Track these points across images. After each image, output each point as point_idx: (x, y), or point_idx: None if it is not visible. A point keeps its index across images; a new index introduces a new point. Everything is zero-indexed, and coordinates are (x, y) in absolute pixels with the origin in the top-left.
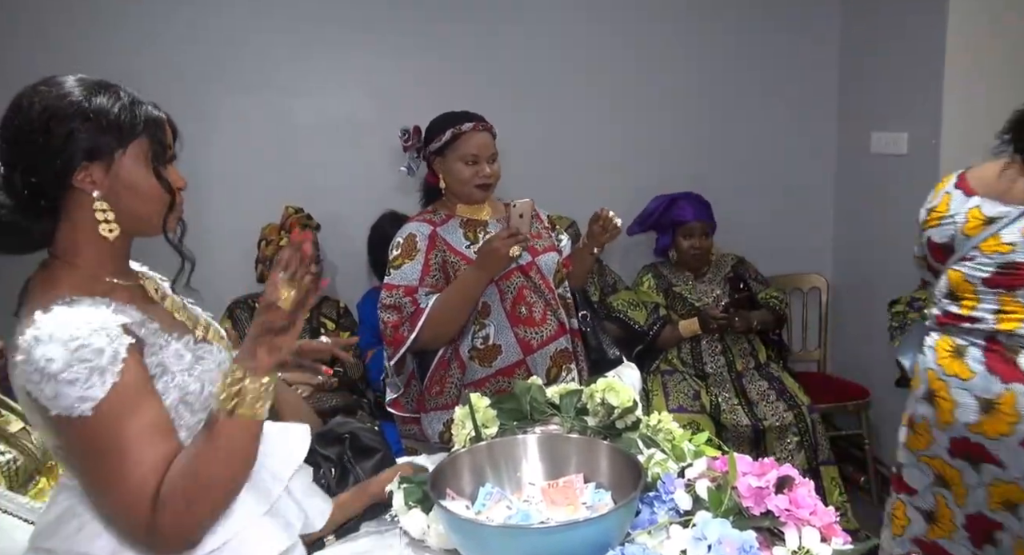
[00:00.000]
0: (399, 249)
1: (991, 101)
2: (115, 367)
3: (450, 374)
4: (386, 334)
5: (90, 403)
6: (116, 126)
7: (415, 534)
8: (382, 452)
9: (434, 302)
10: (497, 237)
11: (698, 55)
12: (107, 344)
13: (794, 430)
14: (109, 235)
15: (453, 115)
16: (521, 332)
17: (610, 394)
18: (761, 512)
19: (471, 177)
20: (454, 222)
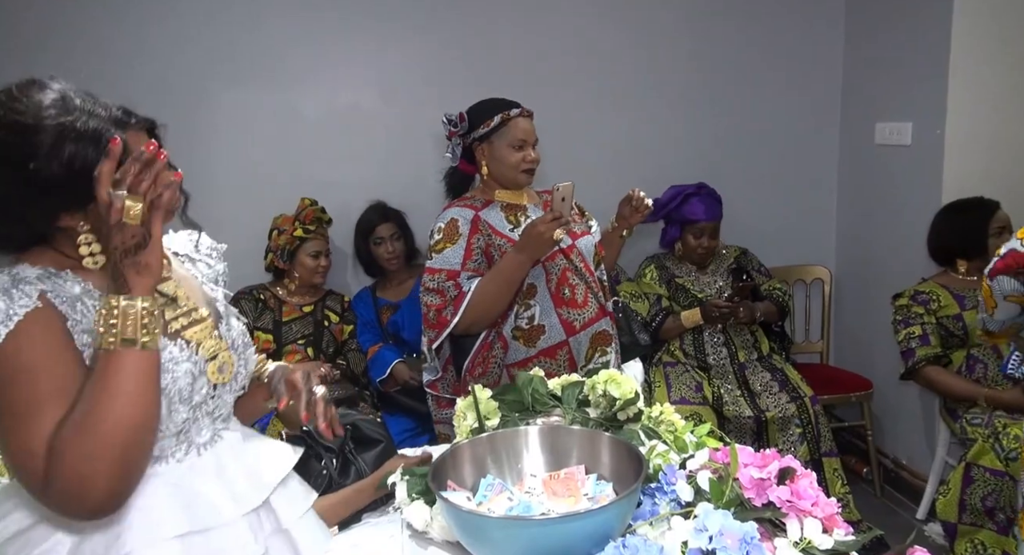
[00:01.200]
0: (440, 234)
1: (996, 91)
2: (4, 328)
3: (493, 354)
4: (429, 317)
5: None
6: (87, 175)
7: (417, 526)
8: (383, 443)
9: (477, 285)
10: (541, 220)
11: (703, 46)
12: (3, 302)
13: (796, 422)
14: (94, 267)
15: (497, 101)
16: (564, 313)
17: (612, 386)
18: (763, 503)
19: (519, 162)
20: (495, 206)
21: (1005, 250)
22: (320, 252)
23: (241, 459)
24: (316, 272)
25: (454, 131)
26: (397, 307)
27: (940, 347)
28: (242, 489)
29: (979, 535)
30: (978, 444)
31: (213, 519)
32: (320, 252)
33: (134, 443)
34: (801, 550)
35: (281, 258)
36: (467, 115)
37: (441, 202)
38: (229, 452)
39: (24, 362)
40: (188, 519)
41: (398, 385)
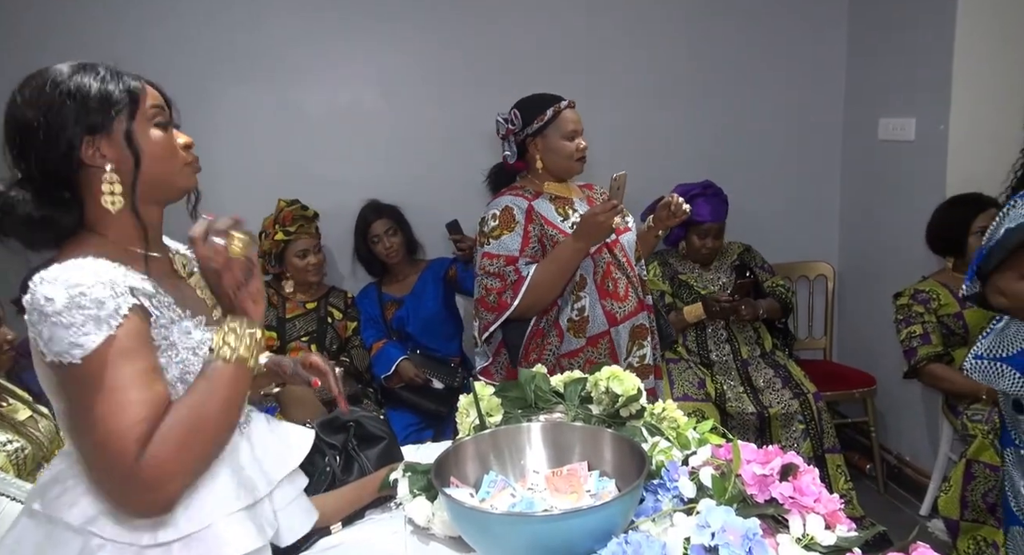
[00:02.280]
0: (496, 220)
1: (1000, 87)
2: (114, 321)
3: (548, 343)
4: (488, 300)
5: (80, 350)
6: (103, 96)
7: (420, 522)
8: (387, 440)
9: (535, 271)
10: (601, 209)
11: (706, 43)
12: (110, 297)
13: (799, 418)
14: (111, 207)
15: (544, 96)
16: (608, 304)
17: (614, 382)
18: (765, 499)
19: (573, 151)
20: (544, 197)
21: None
22: (307, 250)
23: (268, 439)
24: (307, 271)
25: (511, 130)
26: (401, 302)
27: (941, 345)
28: (270, 466)
29: (981, 531)
30: (978, 440)
31: (256, 493)
32: (307, 250)
33: (220, 445)
34: (804, 546)
35: (270, 262)
36: (519, 112)
37: (442, 199)
38: (257, 432)
39: (119, 362)
40: (245, 493)
41: (403, 381)
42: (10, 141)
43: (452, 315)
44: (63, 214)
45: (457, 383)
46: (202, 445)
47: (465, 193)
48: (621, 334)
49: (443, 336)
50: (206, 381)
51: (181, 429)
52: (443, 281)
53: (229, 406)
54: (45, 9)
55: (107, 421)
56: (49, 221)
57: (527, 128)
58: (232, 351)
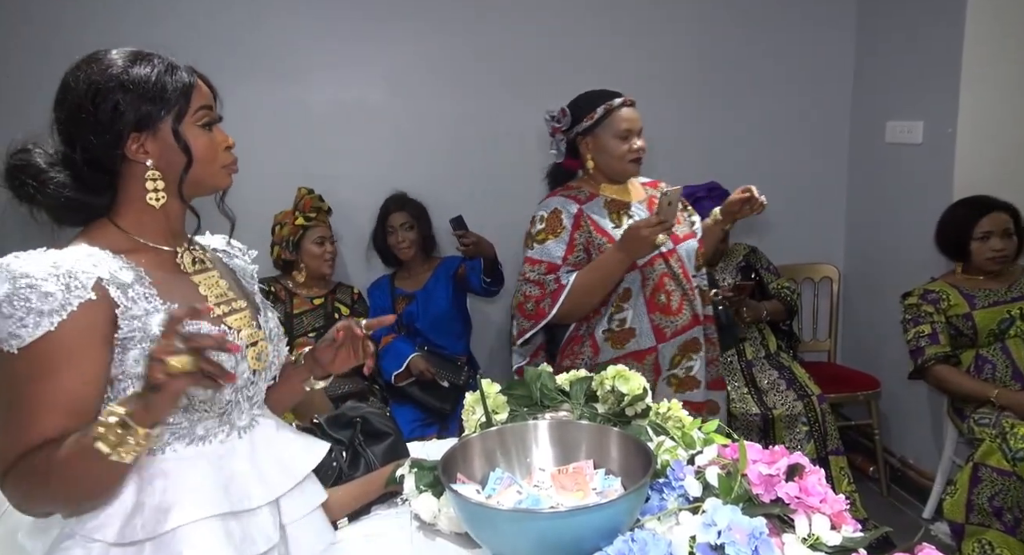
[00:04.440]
0: (543, 223)
1: (1008, 89)
2: (57, 317)
3: (582, 351)
4: (526, 308)
5: (16, 342)
6: (156, 93)
7: (426, 518)
8: (393, 436)
9: (575, 280)
10: (645, 223)
11: (713, 45)
12: (60, 291)
13: (803, 420)
14: (156, 204)
15: (599, 92)
16: (656, 319)
17: (620, 381)
18: (771, 499)
19: (625, 152)
20: (598, 201)
21: None
22: (324, 238)
23: (273, 447)
24: (323, 259)
25: (557, 127)
26: (413, 297)
27: (949, 346)
28: (271, 476)
29: (986, 535)
30: (985, 444)
31: (246, 503)
32: (324, 238)
33: (69, 506)
34: (809, 546)
35: (287, 249)
36: (568, 109)
37: (450, 195)
38: (263, 439)
39: (55, 362)
40: (228, 500)
41: (411, 377)
42: (60, 120)
43: (462, 314)
44: (96, 198)
45: (463, 381)
46: (45, 500)
47: (472, 190)
48: (668, 350)
49: (452, 334)
50: (76, 444)
51: (38, 477)
52: (454, 279)
53: (79, 483)
54: (47, 8)
55: (5, 429)
56: (80, 203)
57: (576, 126)
58: (97, 437)
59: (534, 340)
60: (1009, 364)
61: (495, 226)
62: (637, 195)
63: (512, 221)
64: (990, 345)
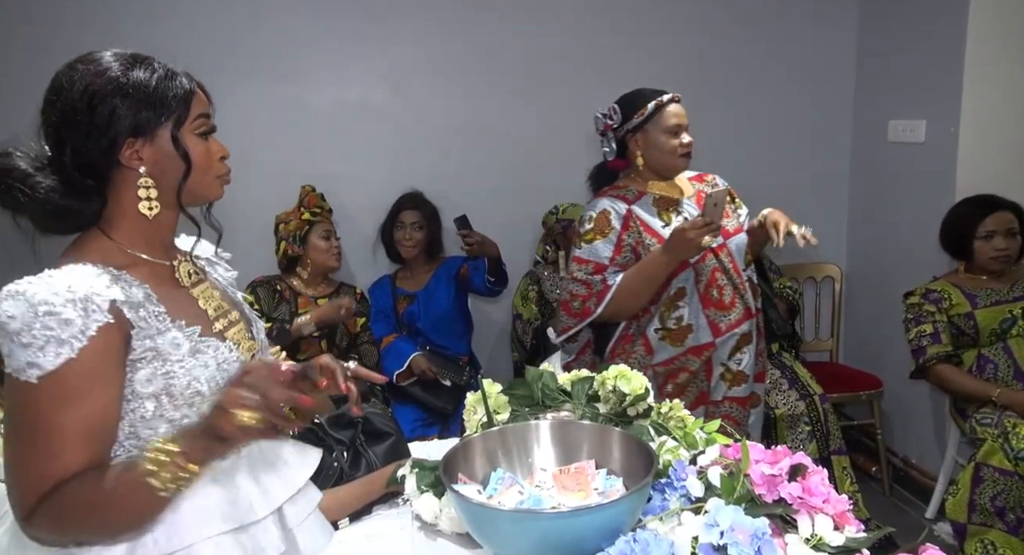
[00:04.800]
0: (591, 223)
1: (1012, 88)
2: (77, 342)
3: (634, 351)
4: (573, 306)
5: (37, 371)
6: (156, 99)
7: (427, 518)
8: (394, 436)
9: (621, 281)
10: (692, 225)
11: (714, 44)
12: (78, 317)
13: (806, 419)
14: (148, 214)
15: (645, 90)
16: (711, 315)
17: (622, 381)
18: (774, 499)
19: (675, 148)
20: (647, 199)
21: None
22: (330, 232)
23: (268, 457)
24: (330, 254)
25: (609, 125)
26: (414, 297)
27: (951, 346)
28: (271, 487)
29: (989, 535)
30: (987, 444)
31: (251, 515)
32: (330, 232)
33: (126, 534)
34: (812, 547)
35: (294, 243)
36: (618, 107)
37: (453, 195)
38: (258, 451)
39: (77, 389)
40: (235, 514)
41: (413, 376)
42: (49, 122)
43: (463, 314)
44: (84, 206)
45: (464, 381)
46: (82, 532)
47: (475, 189)
48: (727, 344)
49: (453, 334)
50: (120, 477)
51: (71, 507)
52: (455, 279)
53: (122, 517)
54: (47, 8)
55: (28, 465)
56: (68, 210)
57: (626, 123)
58: (152, 472)
59: (580, 337)
60: (1011, 364)
61: (499, 226)
62: (685, 191)
63: (515, 221)
64: (992, 345)
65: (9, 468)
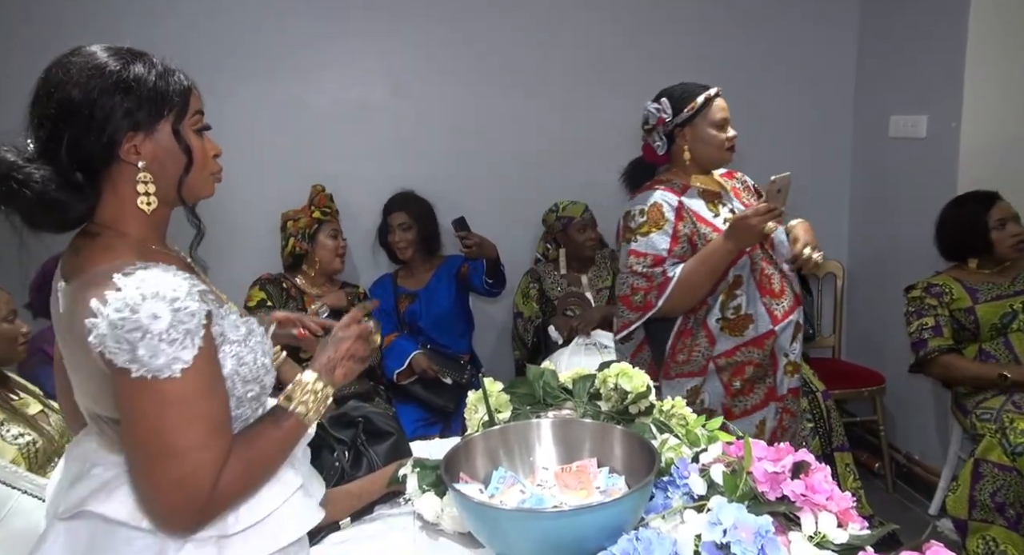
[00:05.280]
0: (644, 216)
1: (1014, 83)
2: (201, 331)
3: (696, 343)
4: (634, 300)
5: (180, 365)
6: (156, 94)
7: (429, 517)
8: (395, 436)
9: (681, 272)
10: (755, 212)
11: (715, 39)
12: (198, 307)
13: (808, 416)
14: (147, 209)
15: (689, 84)
16: (767, 302)
17: (623, 379)
18: (777, 497)
19: (723, 141)
20: (692, 191)
21: None
22: (337, 232)
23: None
24: (336, 253)
25: (663, 119)
26: (415, 296)
27: (952, 339)
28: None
29: (990, 531)
30: (986, 439)
31: (279, 501)
32: (337, 232)
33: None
34: (816, 544)
35: (303, 240)
36: (667, 101)
37: (453, 195)
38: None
39: (212, 376)
40: (271, 499)
41: (415, 375)
42: (45, 116)
43: (464, 313)
44: (78, 201)
45: (466, 379)
46: (258, 484)
47: (476, 190)
48: (786, 332)
49: (454, 333)
50: (276, 429)
51: (247, 472)
52: (456, 278)
53: (287, 454)
54: (47, 8)
55: (179, 459)
56: (62, 205)
57: (676, 117)
58: (307, 412)
59: (635, 335)
60: (1012, 358)
61: (499, 224)
62: (723, 184)
63: (516, 219)
64: (993, 339)
65: (153, 471)
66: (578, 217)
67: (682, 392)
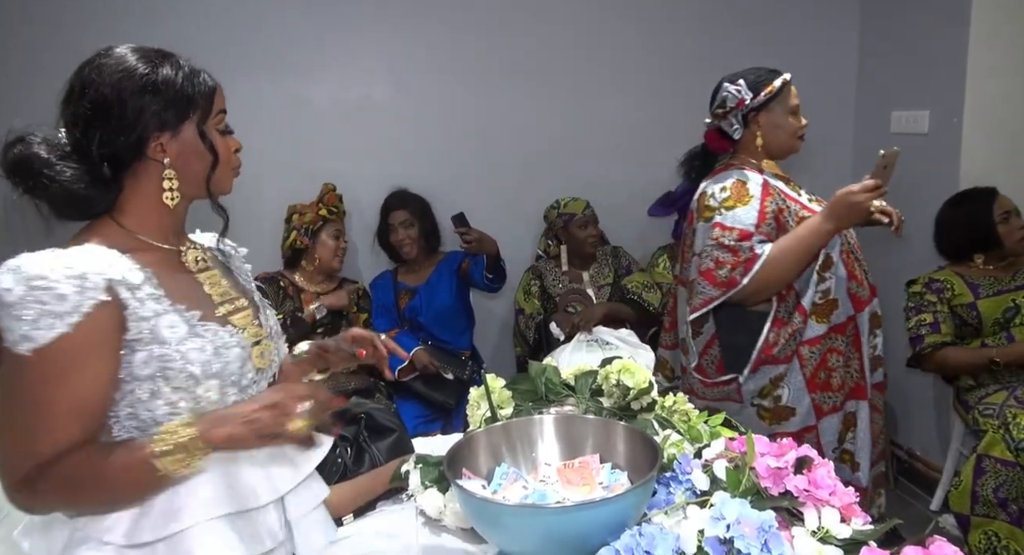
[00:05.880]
0: (727, 192)
1: (1015, 78)
2: (71, 318)
3: (791, 329)
4: (718, 275)
5: (30, 344)
6: (183, 96)
7: (431, 513)
8: (397, 432)
9: (772, 250)
10: (861, 188)
11: (716, 36)
12: (74, 293)
13: None
14: (171, 203)
15: (761, 69)
16: (853, 287)
17: (626, 375)
18: (780, 492)
19: (797, 128)
20: (767, 174)
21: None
22: (340, 234)
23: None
24: (336, 254)
25: (743, 101)
26: (415, 292)
27: (951, 336)
28: (276, 473)
29: (992, 526)
30: (989, 435)
31: (252, 501)
32: (340, 234)
33: (121, 509)
34: (819, 539)
35: (304, 234)
36: (744, 83)
37: (453, 191)
38: None
39: (69, 365)
40: (232, 500)
41: (416, 371)
42: (78, 114)
43: (465, 309)
44: (105, 193)
45: (467, 375)
46: (76, 505)
47: (477, 185)
48: (864, 320)
49: (455, 329)
50: (125, 455)
51: (71, 482)
52: (457, 274)
53: (120, 494)
54: (47, 8)
55: (17, 437)
56: (89, 199)
57: (754, 100)
58: (163, 453)
59: (705, 330)
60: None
61: (499, 224)
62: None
63: (517, 216)
64: (995, 334)
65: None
66: (579, 214)
67: (764, 381)
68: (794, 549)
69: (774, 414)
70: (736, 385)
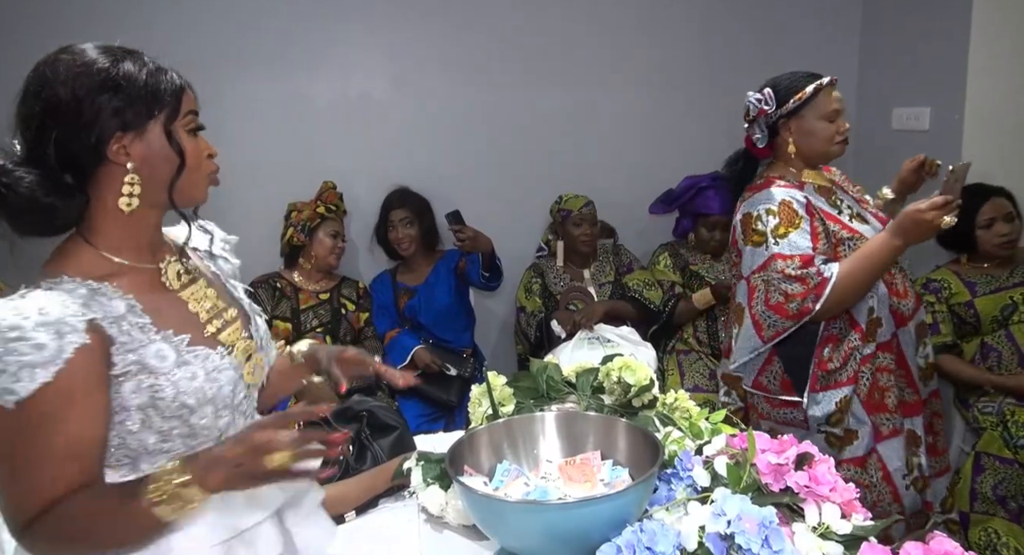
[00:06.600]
0: (776, 217)
1: (1016, 75)
2: (53, 366)
3: (848, 344)
4: (789, 308)
5: (12, 397)
6: (146, 93)
7: (433, 510)
8: (399, 429)
9: (841, 271)
10: (930, 205)
11: (717, 32)
12: (52, 340)
13: None
14: (126, 208)
15: (799, 74)
16: (894, 303)
17: (627, 372)
18: (781, 489)
19: (834, 134)
20: (808, 188)
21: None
22: (338, 233)
23: None
24: (332, 252)
25: (764, 110)
26: (415, 292)
27: (951, 335)
28: (266, 493)
29: (992, 523)
30: (987, 432)
31: (245, 522)
32: (338, 233)
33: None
34: (819, 535)
35: (301, 231)
36: (772, 91)
37: (452, 189)
38: None
39: (57, 412)
40: (227, 525)
41: (417, 370)
42: (30, 116)
43: (464, 307)
44: (68, 204)
45: (469, 372)
46: (87, 550)
47: (477, 182)
48: (910, 333)
49: (455, 328)
50: (120, 502)
51: (68, 528)
52: (455, 273)
53: (122, 542)
54: (47, 8)
55: (17, 485)
56: (52, 209)
57: (781, 108)
58: (160, 500)
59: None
60: (1015, 350)
61: (500, 222)
62: (829, 178)
63: (517, 218)
64: (994, 332)
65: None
66: (575, 211)
67: (830, 406)
68: (795, 545)
69: (842, 440)
70: (801, 411)
